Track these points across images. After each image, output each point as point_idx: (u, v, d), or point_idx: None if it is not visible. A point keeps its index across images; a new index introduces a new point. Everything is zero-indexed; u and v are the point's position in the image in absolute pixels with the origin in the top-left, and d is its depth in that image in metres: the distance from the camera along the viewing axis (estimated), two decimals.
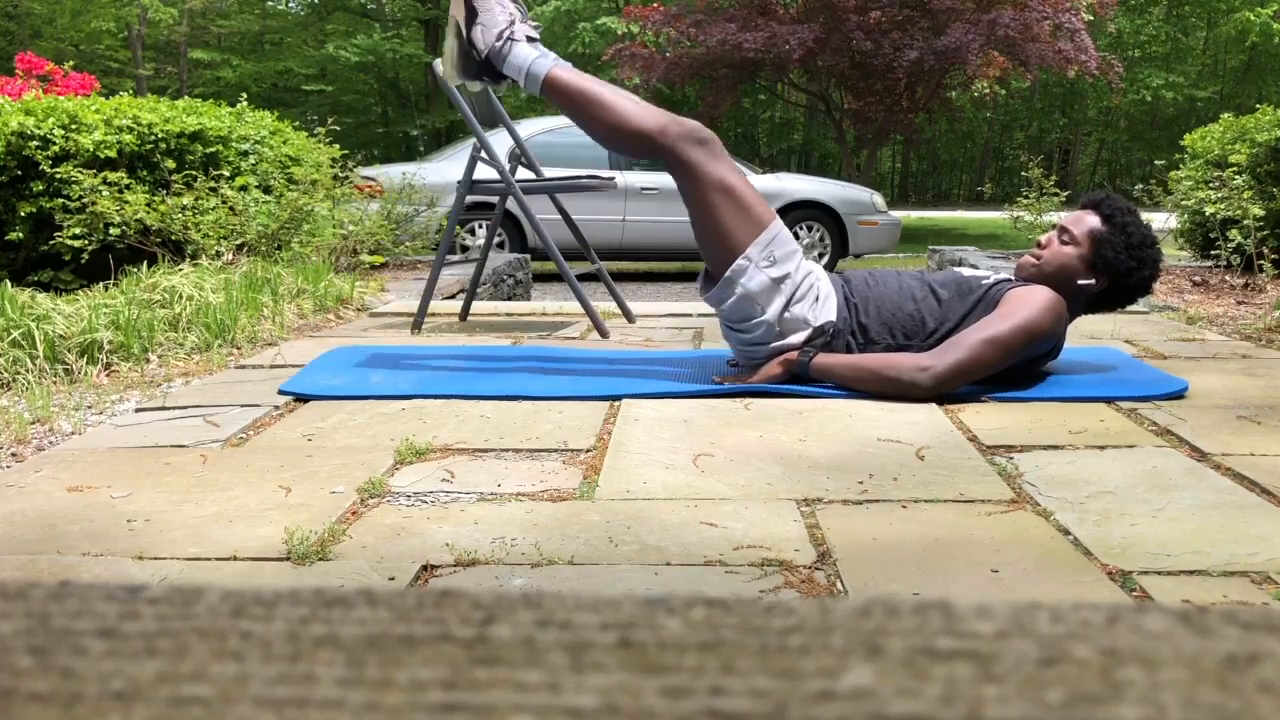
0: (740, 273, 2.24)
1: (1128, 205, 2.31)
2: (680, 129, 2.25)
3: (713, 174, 2.24)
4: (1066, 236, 2.31)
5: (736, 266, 2.24)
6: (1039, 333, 2.19)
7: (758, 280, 2.24)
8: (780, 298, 2.26)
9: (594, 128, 2.33)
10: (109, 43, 25.27)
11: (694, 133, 2.26)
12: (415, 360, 2.60)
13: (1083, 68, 12.00)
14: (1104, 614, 0.29)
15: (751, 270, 2.24)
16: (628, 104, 2.30)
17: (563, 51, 22.09)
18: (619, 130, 2.28)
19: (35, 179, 4.01)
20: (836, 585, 1.19)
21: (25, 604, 0.30)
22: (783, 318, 2.27)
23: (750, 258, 2.24)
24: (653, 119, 2.27)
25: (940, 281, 2.36)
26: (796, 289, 2.27)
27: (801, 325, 2.28)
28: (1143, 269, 2.28)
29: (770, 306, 2.26)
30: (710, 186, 2.24)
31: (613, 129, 2.29)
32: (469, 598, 0.30)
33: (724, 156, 2.28)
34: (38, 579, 1.17)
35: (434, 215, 6.13)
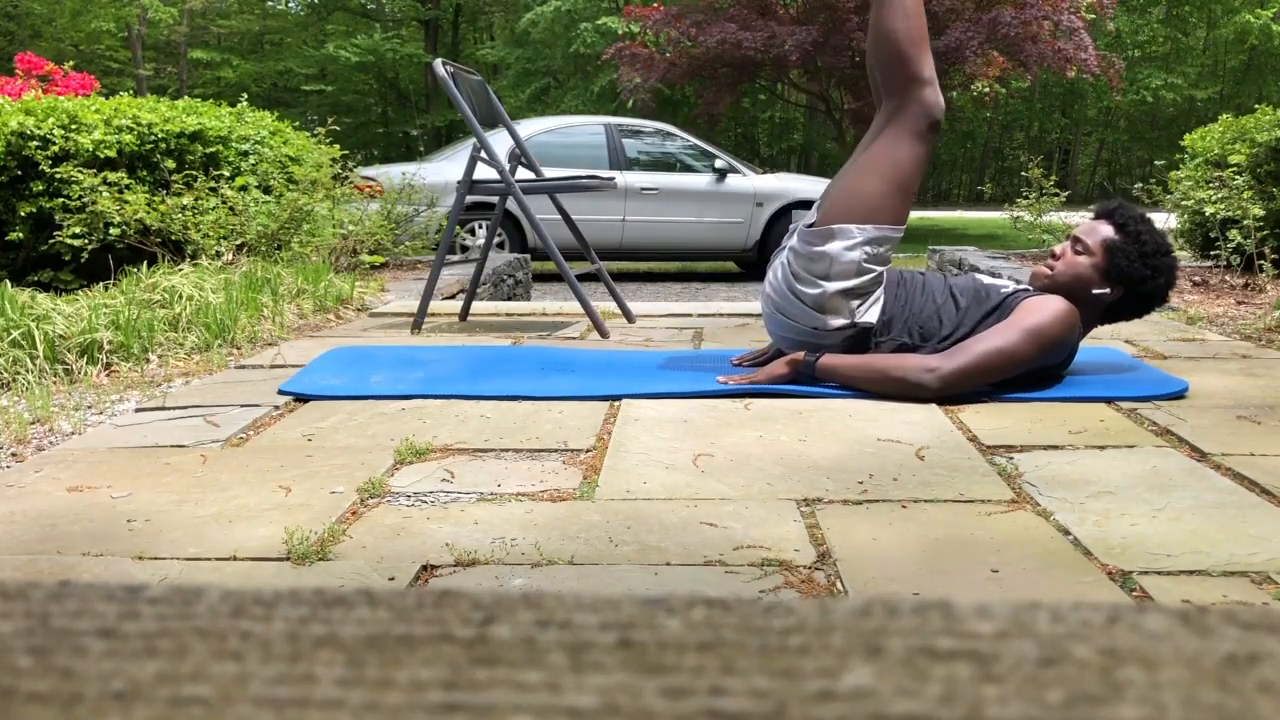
0: (844, 235, 2.25)
1: (1141, 214, 2.30)
2: (934, 98, 2.25)
3: (908, 150, 2.25)
4: (1080, 246, 2.30)
5: (845, 228, 2.25)
6: (1050, 342, 2.18)
7: (851, 255, 2.25)
8: (849, 283, 2.27)
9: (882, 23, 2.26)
10: (109, 43, 25.27)
11: (935, 111, 2.26)
12: (415, 360, 2.60)
13: (1082, 67, 12.00)
14: (1104, 614, 0.29)
15: (853, 243, 2.25)
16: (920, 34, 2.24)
17: (563, 51, 22.16)
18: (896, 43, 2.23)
19: (35, 179, 4.01)
20: (836, 585, 1.19)
21: (25, 604, 0.30)
22: (835, 297, 2.27)
23: (864, 231, 2.25)
24: (924, 67, 2.24)
25: (960, 287, 2.36)
26: (864, 288, 2.29)
27: (845, 313, 2.29)
28: (1158, 277, 2.27)
29: (837, 282, 2.26)
30: (897, 156, 2.25)
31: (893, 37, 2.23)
32: (469, 598, 0.30)
33: (927, 152, 2.29)
34: (38, 579, 1.17)
35: (434, 215, 6.14)
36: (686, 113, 19.34)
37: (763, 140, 29.64)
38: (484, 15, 29.34)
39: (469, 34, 30.40)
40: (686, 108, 19.82)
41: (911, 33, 2.24)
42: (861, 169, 2.29)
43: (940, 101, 2.26)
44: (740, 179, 7.96)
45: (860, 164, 2.30)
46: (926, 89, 2.24)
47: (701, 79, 13.32)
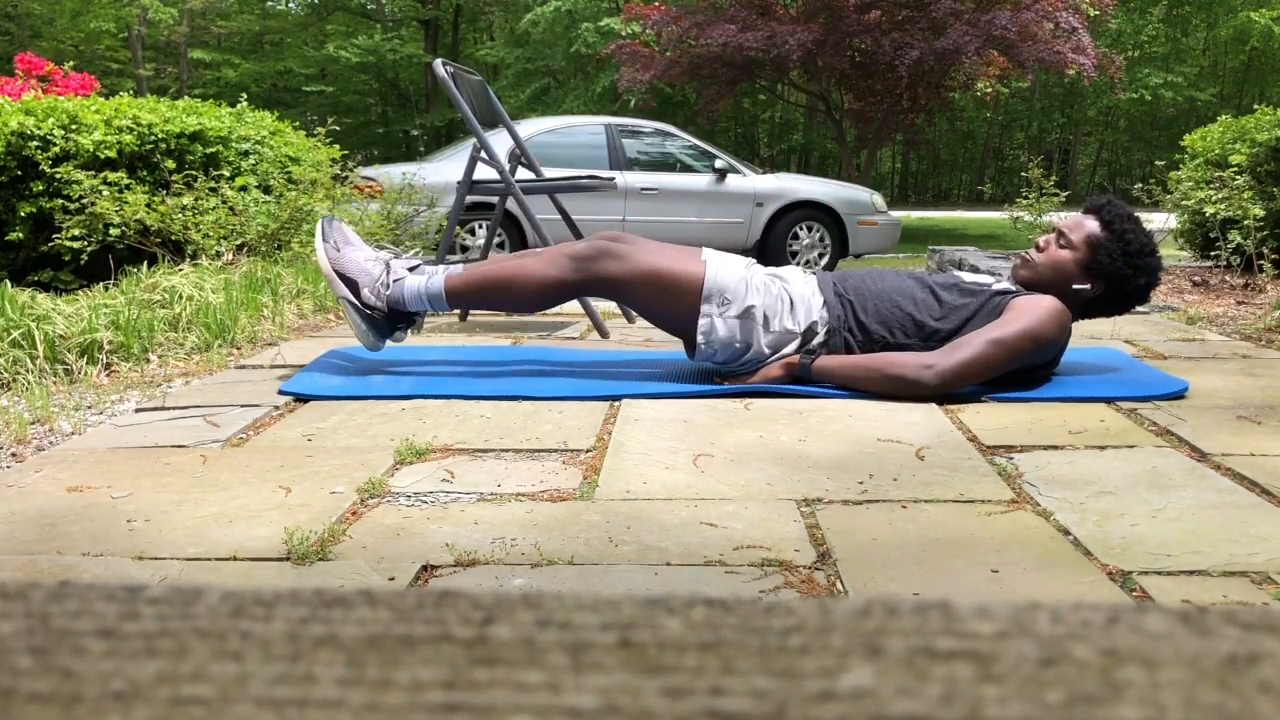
0: (708, 330, 2.29)
1: (1129, 212, 2.30)
2: (582, 258, 2.30)
3: (633, 272, 2.29)
4: (1064, 240, 2.31)
5: (701, 326, 2.29)
6: (1044, 339, 2.19)
7: (726, 326, 2.28)
8: (755, 325, 2.28)
9: (518, 304, 2.38)
10: (109, 43, 25.28)
11: (596, 251, 2.31)
12: (415, 360, 2.60)
13: (1081, 69, 12.00)
14: (1104, 614, 0.29)
15: (714, 321, 2.28)
16: (530, 265, 2.33)
17: (563, 51, 22.15)
18: (538, 294, 2.33)
19: (35, 179, 4.01)
20: (836, 585, 1.19)
21: (25, 604, 0.30)
22: (770, 339, 2.29)
23: (708, 313, 2.28)
24: (558, 267, 2.31)
25: (941, 283, 2.36)
26: (764, 310, 2.29)
27: (789, 336, 2.30)
28: (1139, 277, 2.27)
29: (752, 338, 2.29)
30: (639, 284, 2.30)
31: (531, 296, 2.34)
32: (469, 598, 0.30)
33: (631, 248, 2.31)
34: (38, 579, 1.17)
35: (434, 215, 6.13)
36: (686, 113, 19.35)
37: (763, 140, 29.64)
38: (484, 15, 29.34)
39: (469, 34, 30.41)
40: (686, 108, 19.82)
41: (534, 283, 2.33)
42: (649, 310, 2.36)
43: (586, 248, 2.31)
44: (740, 179, 7.96)
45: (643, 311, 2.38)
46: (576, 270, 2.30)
47: (701, 79, 13.33)
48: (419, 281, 2.36)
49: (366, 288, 2.34)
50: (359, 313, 2.35)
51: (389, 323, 2.40)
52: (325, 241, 2.37)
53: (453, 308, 2.39)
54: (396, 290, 2.36)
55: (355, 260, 2.37)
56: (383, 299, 2.36)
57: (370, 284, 2.35)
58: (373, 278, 2.35)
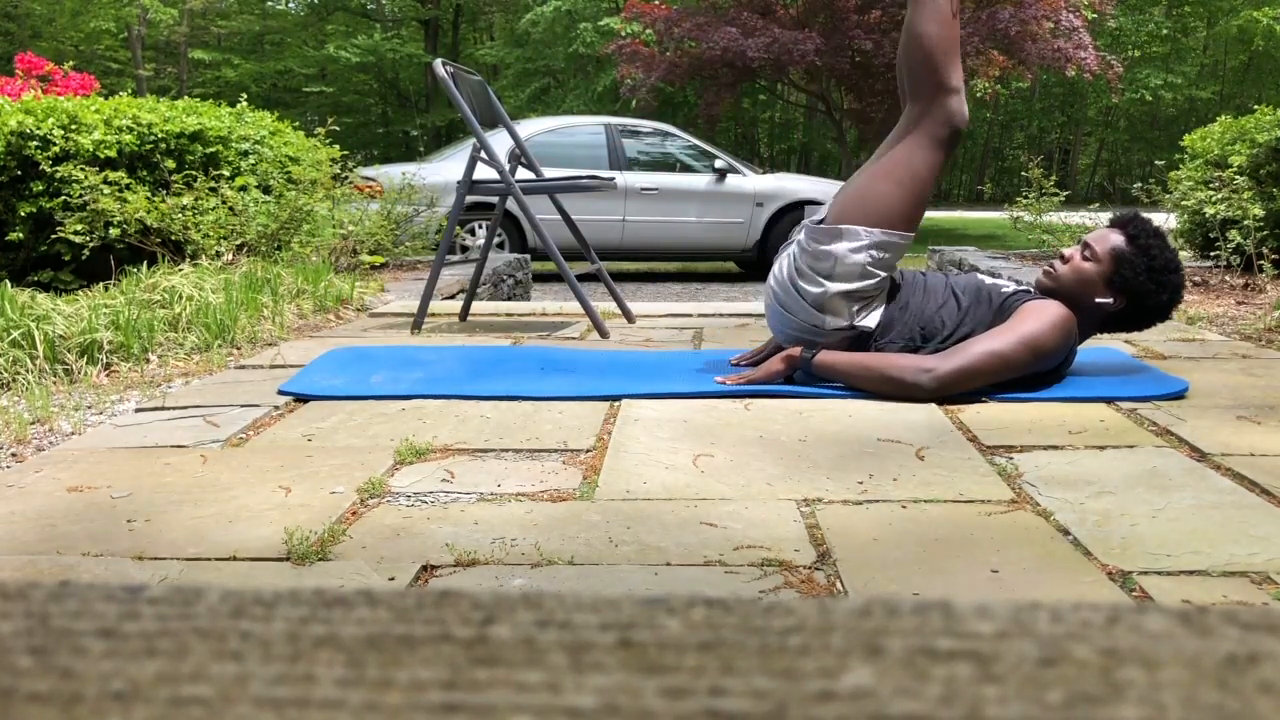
0: (853, 236, 2.24)
1: (1156, 229, 2.28)
2: (959, 107, 2.24)
3: (927, 157, 2.24)
4: (1089, 252, 2.29)
5: (854, 230, 2.24)
6: (1044, 348, 2.18)
7: (856, 257, 2.24)
8: (852, 285, 2.25)
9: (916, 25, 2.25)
10: (109, 43, 25.28)
11: (958, 119, 2.25)
12: (415, 360, 2.60)
13: (1081, 66, 12.00)
14: (1104, 614, 0.29)
15: (860, 245, 2.24)
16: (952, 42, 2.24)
17: (563, 51, 22.16)
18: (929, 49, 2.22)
19: (35, 179, 4.01)
20: (836, 585, 1.19)
21: (25, 604, 0.30)
22: (836, 298, 2.26)
23: (873, 235, 2.23)
24: (953, 75, 2.24)
25: (962, 286, 2.36)
26: (866, 290, 2.27)
27: (845, 315, 2.27)
28: (1161, 293, 2.25)
29: (840, 283, 2.25)
30: (915, 161, 2.24)
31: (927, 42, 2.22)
32: (469, 598, 0.30)
33: (944, 160, 2.28)
34: (38, 579, 1.17)
35: (434, 215, 6.13)
36: (686, 113, 19.36)
37: (763, 140, 29.64)
38: (484, 15, 29.34)
39: (469, 34, 30.41)
40: (686, 108, 19.82)
41: (944, 40, 2.23)
42: (878, 172, 2.28)
43: (964, 111, 2.26)
44: (740, 179, 7.97)
45: (878, 167, 2.29)
46: (953, 97, 2.23)
47: (702, 79, 13.33)
48: None
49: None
50: None
51: None
52: None
53: None
54: None
55: None
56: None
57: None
58: None
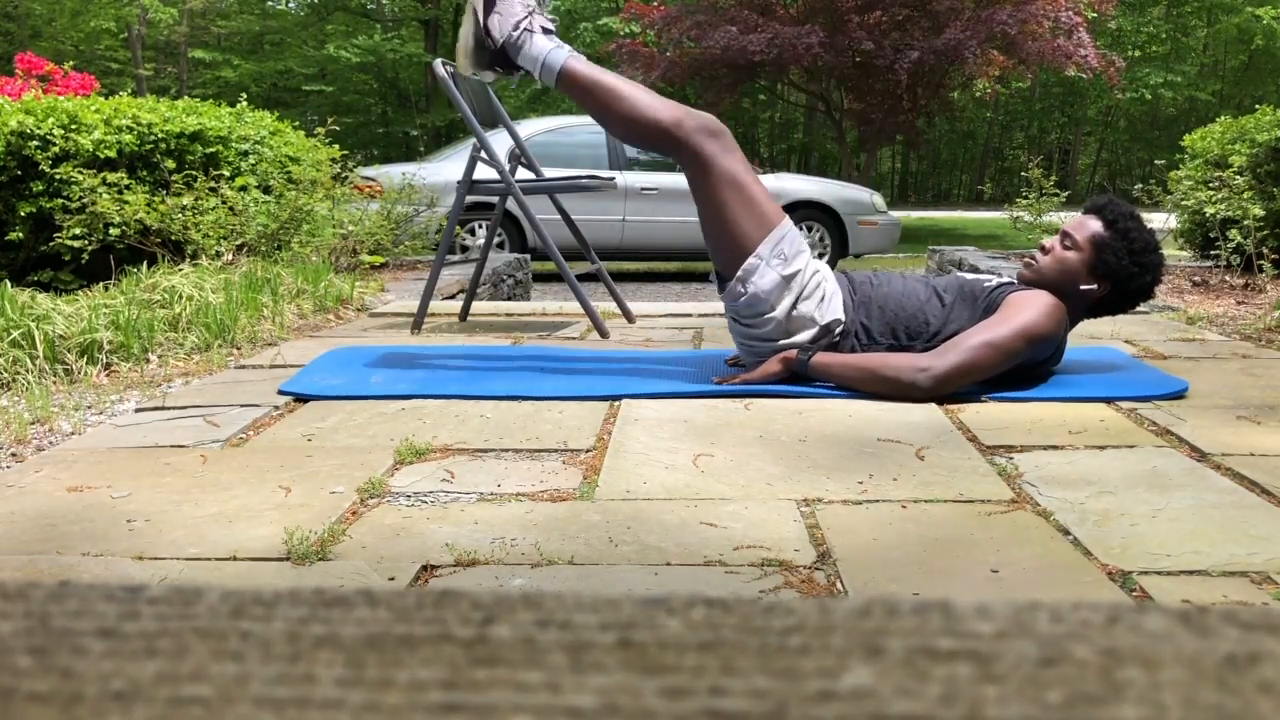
0: (752, 271, 2.25)
1: (1131, 210, 2.30)
2: (696, 121, 2.25)
3: (725, 168, 2.24)
4: (1069, 241, 2.30)
5: (748, 265, 2.25)
6: (1038, 337, 2.19)
7: (769, 278, 2.25)
8: (789, 296, 2.26)
9: (610, 121, 2.32)
10: (109, 43, 25.27)
11: (708, 125, 2.26)
12: (415, 360, 2.60)
13: (1082, 64, 12.00)
14: (1104, 614, 0.29)
15: (763, 268, 2.25)
16: (643, 96, 2.29)
17: None
18: (635, 123, 2.28)
19: (35, 179, 4.01)
20: (836, 585, 1.19)
21: (25, 604, 0.30)
22: (791, 315, 2.27)
23: (761, 256, 2.25)
24: (668, 111, 2.26)
25: (943, 285, 2.37)
26: (804, 287, 2.28)
27: (808, 323, 2.28)
28: (1144, 274, 2.28)
29: (780, 304, 2.26)
30: (722, 181, 2.25)
31: (629, 121, 2.28)
32: (469, 598, 0.30)
33: (736, 151, 2.28)
34: (38, 579, 1.17)
35: (434, 215, 6.13)
36: None
37: (763, 140, 29.64)
38: None
39: None
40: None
41: (635, 104, 2.28)
42: (712, 216, 2.29)
43: (702, 117, 2.27)
44: None
45: (707, 214, 2.31)
46: (684, 123, 2.25)
47: (702, 79, 13.33)
48: (546, 46, 2.32)
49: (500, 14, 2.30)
50: (478, 27, 2.30)
51: (492, 57, 2.35)
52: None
53: (557, 86, 2.34)
54: (523, 40, 2.31)
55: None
56: (504, 34, 2.31)
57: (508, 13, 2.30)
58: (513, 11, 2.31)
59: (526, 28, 2.32)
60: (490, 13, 2.31)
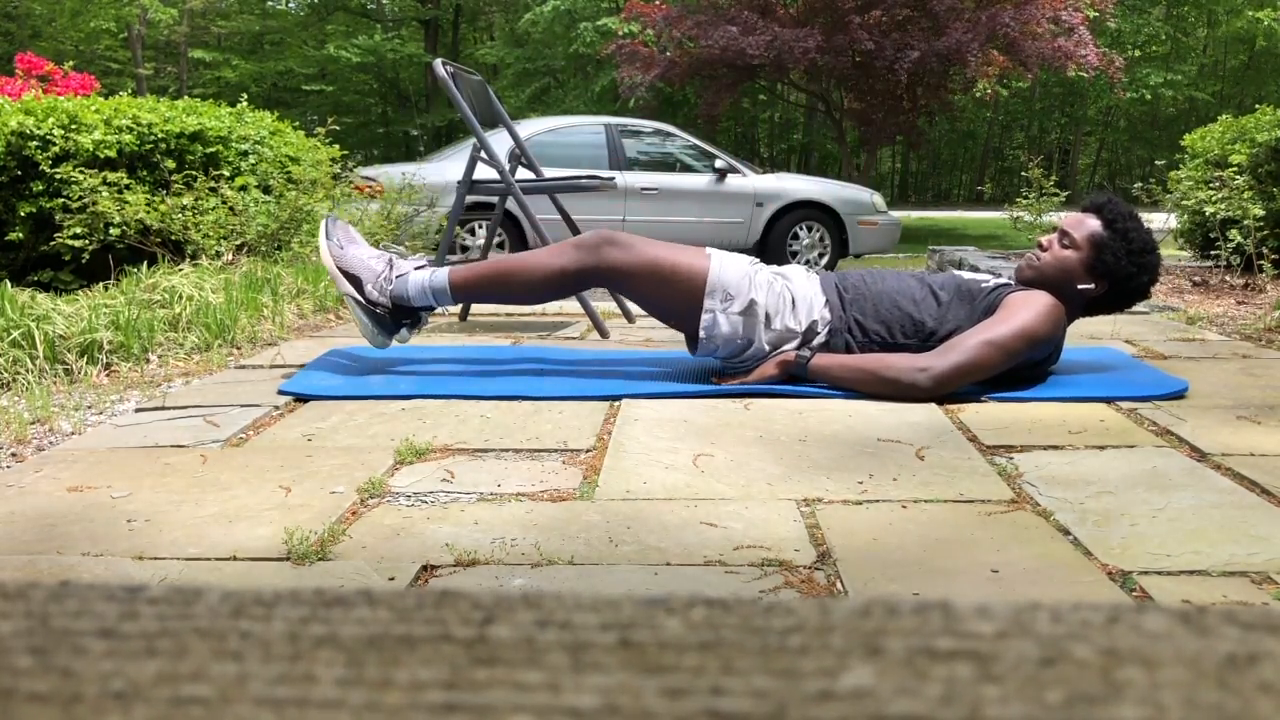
0: (711, 325, 2.30)
1: (1129, 210, 2.31)
2: (588, 246, 2.31)
3: (636, 262, 2.30)
4: (1067, 240, 2.31)
5: (704, 321, 2.30)
6: (1037, 337, 2.19)
7: (729, 322, 2.29)
8: (757, 321, 2.30)
9: (518, 298, 2.40)
10: (109, 43, 25.27)
11: (599, 240, 2.31)
12: (415, 360, 2.60)
13: (1082, 64, 12.00)
14: (1104, 614, 0.29)
15: (717, 316, 2.30)
16: (530, 259, 2.35)
17: (563, 51, 22.14)
18: (539, 285, 2.34)
19: (35, 179, 4.01)
20: (836, 585, 1.19)
21: (25, 604, 0.30)
22: (771, 336, 2.31)
23: (710, 309, 2.30)
24: (560, 258, 2.32)
25: (940, 283, 2.37)
26: (766, 307, 2.30)
27: (790, 335, 2.31)
28: (1142, 274, 2.28)
29: (755, 334, 2.30)
30: (642, 275, 2.30)
31: (534, 288, 2.35)
32: (469, 598, 0.30)
33: (635, 239, 2.33)
34: (38, 579, 1.17)
35: (434, 215, 6.14)
36: (686, 113, 19.36)
37: (763, 140, 29.64)
38: (484, 15, 29.34)
39: (469, 34, 30.40)
40: (686, 108, 19.82)
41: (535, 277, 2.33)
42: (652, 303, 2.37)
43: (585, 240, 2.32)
44: (740, 179, 7.96)
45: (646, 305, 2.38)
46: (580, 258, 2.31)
47: (702, 79, 13.33)
48: (423, 276, 2.37)
49: (370, 284, 2.35)
50: (364, 310, 2.35)
51: (394, 319, 2.40)
52: (329, 239, 2.38)
53: (456, 301, 2.40)
54: (400, 285, 2.36)
55: (359, 257, 2.37)
56: (387, 294, 2.36)
57: (374, 280, 2.35)
58: (376, 274, 2.36)
59: (398, 274, 2.37)
60: (362, 289, 2.36)
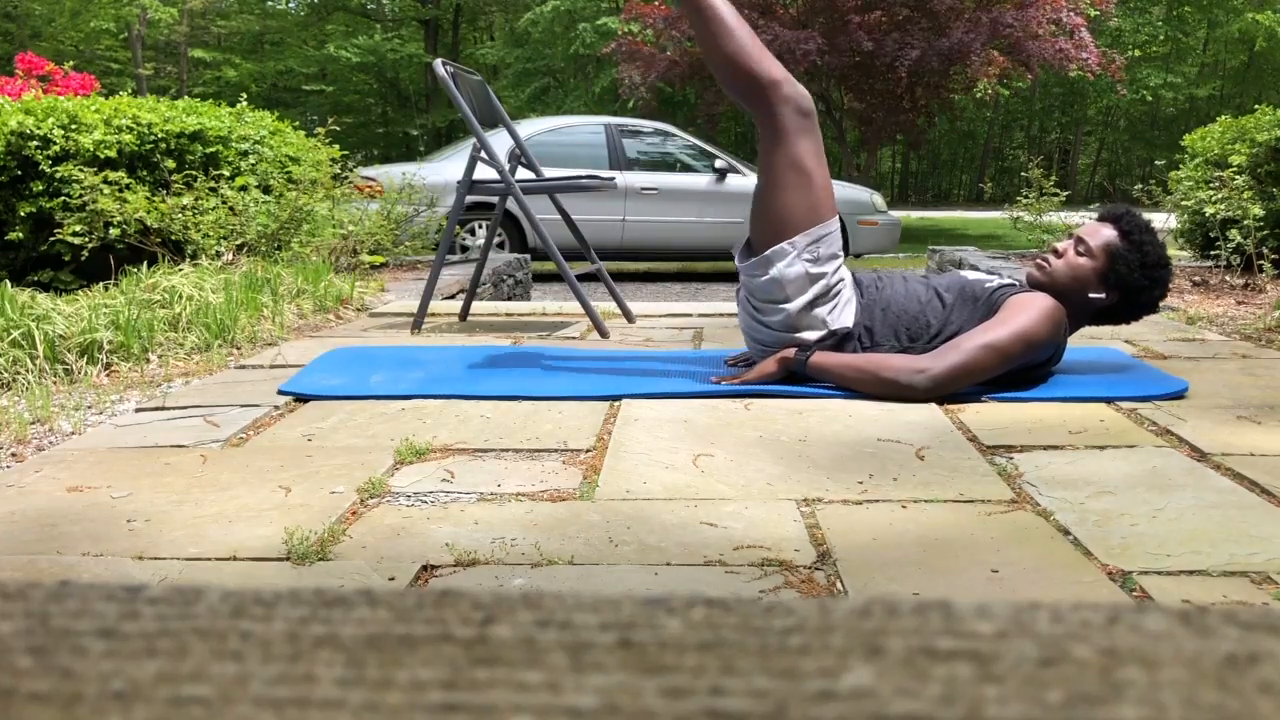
0: (780, 256, 2.24)
1: (1146, 223, 2.30)
2: (793, 90, 2.22)
3: (797, 149, 2.22)
4: (1083, 248, 2.29)
5: (780, 249, 2.24)
6: (1036, 340, 2.19)
7: (795, 270, 2.24)
8: (809, 294, 2.25)
9: (713, 52, 2.26)
10: (109, 43, 25.27)
11: (801, 102, 2.23)
12: (415, 360, 2.60)
13: (1083, 65, 12.00)
14: (1104, 614, 0.29)
15: (792, 258, 2.24)
16: (751, 44, 2.24)
17: (563, 51, 22.16)
18: (736, 65, 2.22)
19: (35, 179, 4.01)
20: (836, 585, 1.19)
21: (25, 604, 0.30)
22: (803, 313, 2.27)
23: (795, 245, 2.23)
24: (771, 70, 2.22)
25: (944, 285, 2.36)
26: (827, 291, 2.27)
27: (819, 324, 2.28)
28: (1154, 288, 2.28)
29: (797, 299, 2.25)
30: (791, 160, 2.23)
31: (730, 61, 2.23)
32: (469, 598, 0.30)
33: (815, 137, 2.26)
34: (38, 579, 1.17)
35: (434, 215, 6.13)
36: (686, 113, 19.35)
37: None
38: (484, 15, 29.34)
39: (469, 34, 30.41)
40: (686, 108, 19.81)
41: (742, 47, 2.23)
42: (767, 188, 2.27)
43: (800, 90, 2.24)
44: (740, 179, 7.96)
45: (764, 182, 2.28)
46: (782, 87, 2.22)
47: (702, 79, 13.32)
48: None
49: None
50: None
51: None
52: None
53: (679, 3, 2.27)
54: None
55: None
56: None
57: None
58: None
59: None
60: None
